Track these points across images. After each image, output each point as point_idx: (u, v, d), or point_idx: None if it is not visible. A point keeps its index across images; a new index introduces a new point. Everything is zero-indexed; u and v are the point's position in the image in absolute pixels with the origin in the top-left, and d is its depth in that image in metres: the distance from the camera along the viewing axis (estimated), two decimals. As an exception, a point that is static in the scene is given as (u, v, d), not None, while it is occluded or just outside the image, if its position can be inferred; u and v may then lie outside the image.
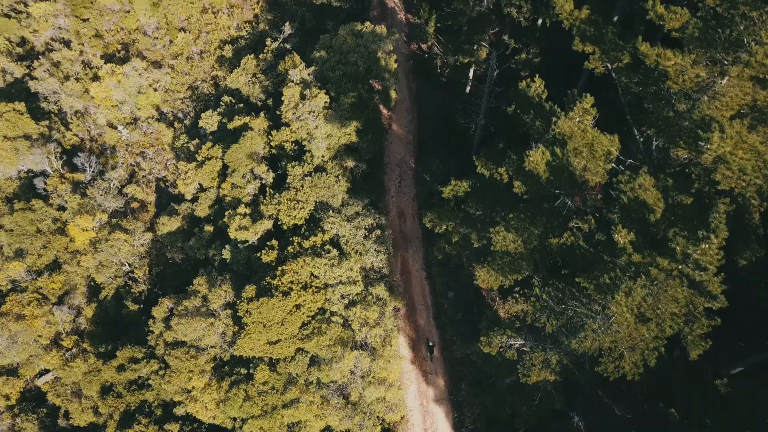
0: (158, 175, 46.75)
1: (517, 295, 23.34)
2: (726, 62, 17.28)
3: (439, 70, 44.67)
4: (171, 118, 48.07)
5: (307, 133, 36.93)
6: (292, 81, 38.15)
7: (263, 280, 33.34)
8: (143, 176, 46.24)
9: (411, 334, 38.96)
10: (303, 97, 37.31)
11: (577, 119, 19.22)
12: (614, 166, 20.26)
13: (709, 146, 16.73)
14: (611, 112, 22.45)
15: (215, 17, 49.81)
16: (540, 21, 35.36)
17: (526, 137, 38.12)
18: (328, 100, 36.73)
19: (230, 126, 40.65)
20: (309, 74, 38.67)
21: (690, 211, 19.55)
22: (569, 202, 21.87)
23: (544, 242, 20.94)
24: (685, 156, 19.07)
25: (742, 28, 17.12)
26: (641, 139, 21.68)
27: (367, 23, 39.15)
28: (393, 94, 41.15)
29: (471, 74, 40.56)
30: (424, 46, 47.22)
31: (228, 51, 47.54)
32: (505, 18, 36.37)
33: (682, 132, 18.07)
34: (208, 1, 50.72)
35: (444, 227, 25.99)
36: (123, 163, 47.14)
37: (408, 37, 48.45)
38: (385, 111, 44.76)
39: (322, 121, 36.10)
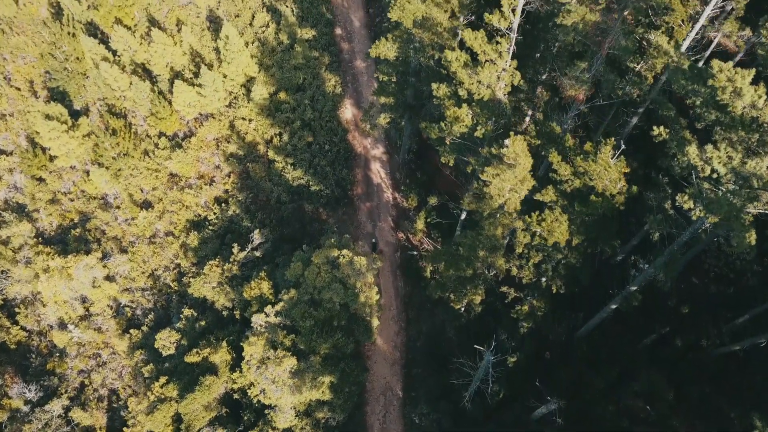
0: (111, 386, 41.29)
1: None
2: None
3: (428, 276, 39.25)
4: (129, 315, 42.72)
5: (271, 400, 31.51)
6: (257, 329, 32.82)
7: None
8: (93, 390, 40.77)
9: None
10: (269, 348, 31.98)
11: None
12: None
13: None
14: None
15: (181, 194, 44.69)
16: (544, 280, 30.02)
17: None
18: (295, 364, 31.28)
19: (188, 359, 35.32)
20: (276, 314, 33.38)
21: None
22: None
23: None
24: None
25: None
26: None
27: (345, 251, 33.71)
28: (375, 322, 35.74)
29: (463, 308, 35.19)
30: (413, 239, 41.89)
31: (193, 239, 42.35)
32: (503, 273, 31.12)
33: None
34: (175, 168, 45.77)
35: None
36: (72, 369, 41.69)
37: (395, 223, 43.14)
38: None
39: (287, 393, 30.64)
